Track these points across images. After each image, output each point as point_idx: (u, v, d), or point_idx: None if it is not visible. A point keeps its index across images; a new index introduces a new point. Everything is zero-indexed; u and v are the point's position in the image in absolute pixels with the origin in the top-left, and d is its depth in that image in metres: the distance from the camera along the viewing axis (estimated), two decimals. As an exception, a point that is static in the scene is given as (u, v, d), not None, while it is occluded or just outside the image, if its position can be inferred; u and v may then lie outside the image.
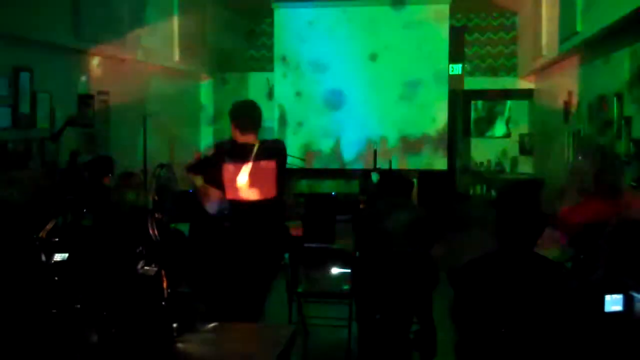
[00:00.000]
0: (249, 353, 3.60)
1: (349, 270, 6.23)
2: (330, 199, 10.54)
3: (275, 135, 12.90)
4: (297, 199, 11.25)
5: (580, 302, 3.47)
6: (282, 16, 12.97)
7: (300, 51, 12.93)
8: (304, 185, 12.67)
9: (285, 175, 5.22)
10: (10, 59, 7.08)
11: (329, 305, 6.67)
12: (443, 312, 5.49)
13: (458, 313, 3.62)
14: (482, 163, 13.51)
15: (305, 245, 7.07)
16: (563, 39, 9.54)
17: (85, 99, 8.50)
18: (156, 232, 3.59)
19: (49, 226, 3.67)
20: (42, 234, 3.66)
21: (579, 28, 8.56)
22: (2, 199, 5.16)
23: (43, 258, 3.60)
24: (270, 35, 13.15)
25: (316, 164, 12.79)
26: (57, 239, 3.66)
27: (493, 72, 13.27)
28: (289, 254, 6.75)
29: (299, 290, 6.50)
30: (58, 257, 3.64)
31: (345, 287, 6.27)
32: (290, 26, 12.94)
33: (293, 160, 12.33)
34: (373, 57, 12.75)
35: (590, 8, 8.10)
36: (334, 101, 12.87)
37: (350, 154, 12.73)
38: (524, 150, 13.09)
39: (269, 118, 13.11)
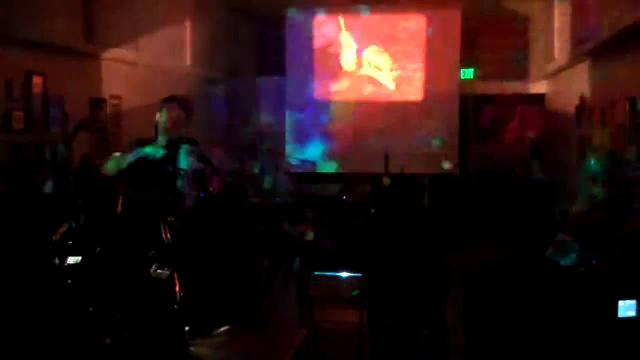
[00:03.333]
0: (261, 357, 3.60)
1: (360, 275, 6.22)
2: (342, 203, 10.56)
3: (286, 139, 12.93)
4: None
5: (593, 308, 3.46)
6: (294, 21, 12.99)
7: (311, 56, 12.94)
8: (315, 189, 12.66)
9: None
10: (23, 64, 7.11)
11: (339, 310, 6.66)
12: (454, 317, 5.49)
13: (469, 318, 3.60)
14: (493, 167, 13.45)
15: (317, 248, 7.08)
16: (575, 44, 9.52)
17: (97, 103, 8.52)
18: (169, 235, 3.60)
19: (62, 229, 3.69)
20: (56, 237, 3.67)
21: (591, 32, 8.53)
22: (17, 202, 5.18)
23: (56, 261, 3.62)
24: (281, 40, 13.15)
25: (327, 168, 12.80)
26: (70, 242, 3.67)
27: (505, 76, 13.22)
28: (299, 258, 6.75)
29: (310, 294, 6.48)
30: (71, 260, 3.65)
31: (356, 291, 6.25)
32: (301, 31, 12.96)
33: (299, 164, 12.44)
34: (385, 62, 12.76)
35: (602, 12, 8.07)
36: (344, 104, 12.89)
37: (362, 157, 12.72)
38: (535, 155, 13.03)
39: (281, 122, 13.18)
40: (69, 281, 3.60)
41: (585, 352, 3.33)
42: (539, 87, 12.82)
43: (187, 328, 3.56)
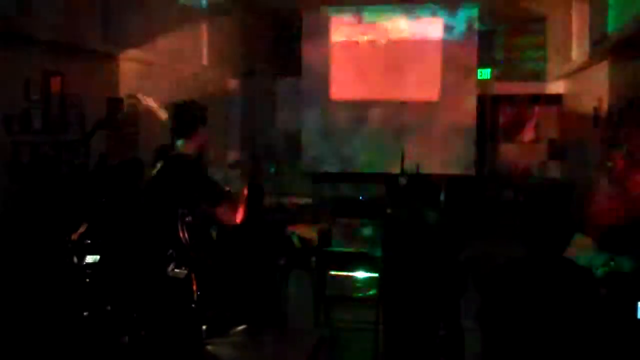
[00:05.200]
0: (277, 356, 3.61)
1: (376, 275, 6.22)
2: (358, 203, 10.54)
3: (303, 138, 12.95)
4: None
5: (612, 309, 3.43)
6: (310, 21, 13.00)
7: (327, 56, 12.95)
8: (331, 189, 12.67)
9: None
10: (41, 64, 7.15)
11: (356, 310, 6.66)
12: (470, 317, 5.47)
13: (485, 318, 3.59)
14: (510, 168, 13.41)
15: (332, 249, 7.07)
16: (593, 43, 9.46)
17: (114, 103, 8.55)
18: (186, 235, 3.60)
19: (81, 229, 3.71)
20: (74, 236, 3.69)
21: (609, 31, 8.48)
22: (35, 201, 5.21)
23: (75, 260, 3.63)
24: (298, 39, 13.18)
25: (343, 168, 12.79)
26: (88, 242, 3.69)
27: (522, 76, 13.17)
28: (315, 258, 6.75)
29: (326, 294, 6.49)
30: (89, 259, 3.67)
31: (373, 291, 6.25)
32: (318, 31, 12.96)
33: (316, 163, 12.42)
34: (402, 62, 12.76)
35: (621, 11, 8.02)
36: (361, 104, 12.88)
37: (378, 157, 12.70)
38: (553, 155, 12.98)
39: (298, 122, 13.20)
40: (87, 280, 3.62)
41: (604, 353, 3.31)
42: (556, 87, 12.76)
43: (204, 327, 3.57)
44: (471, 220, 9.83)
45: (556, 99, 12.74)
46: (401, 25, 12.78)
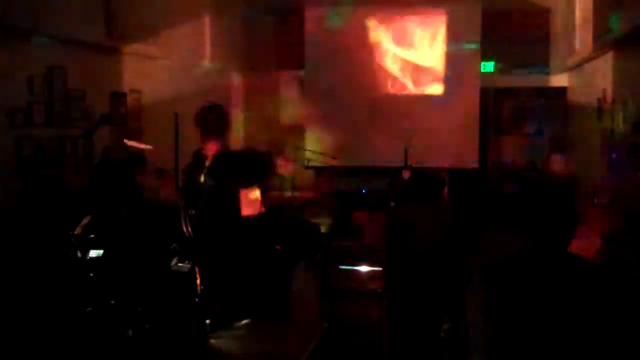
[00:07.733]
0: (281, 350, 3.61)
1: (380, 268, 6.22)
2: (361, 196, 10.53)
3: (306, 132, 12.92)
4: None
5: (616, 301, 3.43)
6: (313, 15, 12.96)
7: (330, 50, 12.91)
8: (334, 183, 12.66)
9: None
10: (45, 58, 7.16)
11: (360, 303, 6.65)
12: (475, 311, 5.47)
13: (490, 312, 3.59)
14: (513, 161, 13.40)
15: (337, 242, 7.07)
16: (597, 36, 9.43)
17: (118, 97, 8.56)
18: (189, 229, 3.61)
19: (84, 222, 3.71)
20: (78, 230, 3.70)
21: (613, 25, 8.46)
22: (38, 196, 5.21)
23: (78, 254, 3.64)
24: (301, 33, 13.15)
25: (347, 162, 12.76)
26: (92, 236, 3.69)
27: (525, 69, 13.13)
28: (320, 252, 6.76)
29: (330, 287, 6.49)
30: (93, 253, 3.67)
31: (377, 284, 6.26)
32: (320, 25, 12.93)
33: (319, 157, 12.40)
34: (404, 55, 12.73)
35: (624, 4, 8.00)
36: (364, 99, 12.86)
37: (381, 151, 12.68)
38: (556, 148, 12.96)
39: (300, 116, 13.18)
40: (91, 274, 3.63)
41: (609, 347, 3.31)
42: (560, 80, 12.73)
43: (208, 321, 3.58)
44: (474, 213, 9.83)
45: (560, 91, 12.71)
46: (404, 18, 12.74)
